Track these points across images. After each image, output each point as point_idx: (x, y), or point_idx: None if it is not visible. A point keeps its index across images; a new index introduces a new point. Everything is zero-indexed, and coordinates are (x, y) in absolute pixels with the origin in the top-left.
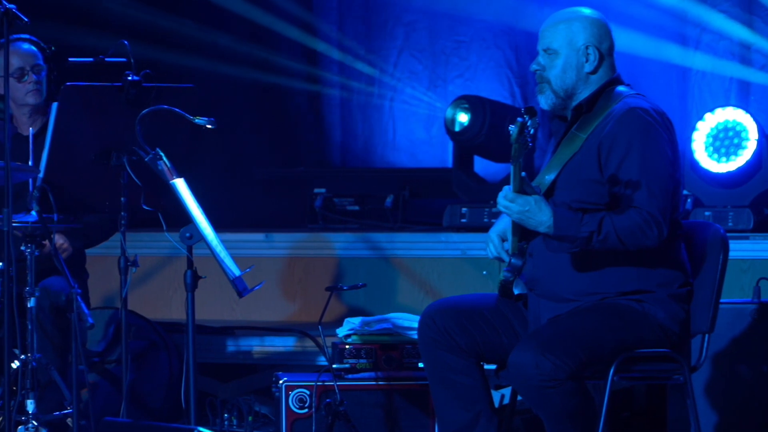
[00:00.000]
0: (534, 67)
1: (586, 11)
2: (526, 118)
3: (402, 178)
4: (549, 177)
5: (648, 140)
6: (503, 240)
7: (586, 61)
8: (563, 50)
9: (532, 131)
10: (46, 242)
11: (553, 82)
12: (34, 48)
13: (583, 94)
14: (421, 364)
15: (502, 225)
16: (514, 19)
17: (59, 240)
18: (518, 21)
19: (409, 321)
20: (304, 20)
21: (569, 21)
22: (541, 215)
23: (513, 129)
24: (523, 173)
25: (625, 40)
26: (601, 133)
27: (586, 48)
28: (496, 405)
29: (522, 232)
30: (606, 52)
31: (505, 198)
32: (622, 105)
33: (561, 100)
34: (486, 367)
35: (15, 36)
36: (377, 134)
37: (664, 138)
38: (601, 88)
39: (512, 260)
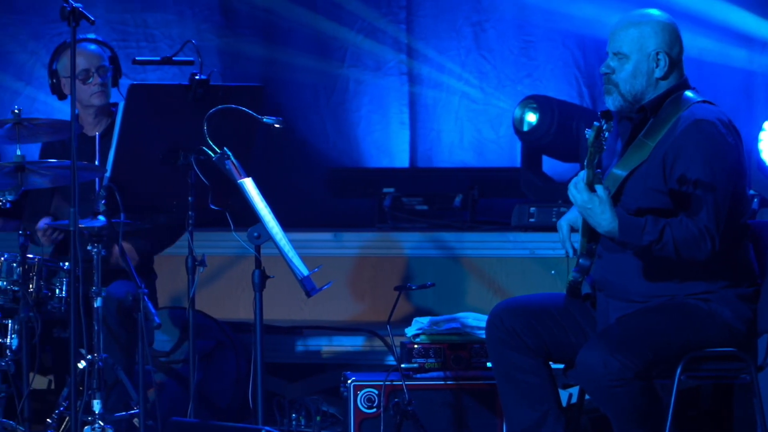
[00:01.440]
0: (603, 69)
1: (657, 14)
2: (603, 123)
3: (470, 177)
4: (616, 182)
5: (711, 155)
6: (574, 230)
7: (656, 66)
8: (633, 55)
9: (607, 135)
10: (114, 251)
11: (622, 86)
12: (100, 49)
13: (650, 97)
14: (489, 364)
15: (574, 214)
16: (582, 19)
17: (126, 247)
18: (586, 21)
19: (478, 320)
20: (371, 20)
21: (640, 25)
22: (601, 217)
23: (589, 133)
24: (598, 170)
25: (690, 43)
26: (667, 143)
27: (657, 54)
28: (564, 404)
29: (591, 233)
30: (676, 58)
31: (575, 187)
32: (688, 114)
33: (629, 104)
34: (554, 366)
35: (81, 36)
36: (446, 134)
37: (728, 152)
38: (667, 92)
39: (581, 260)
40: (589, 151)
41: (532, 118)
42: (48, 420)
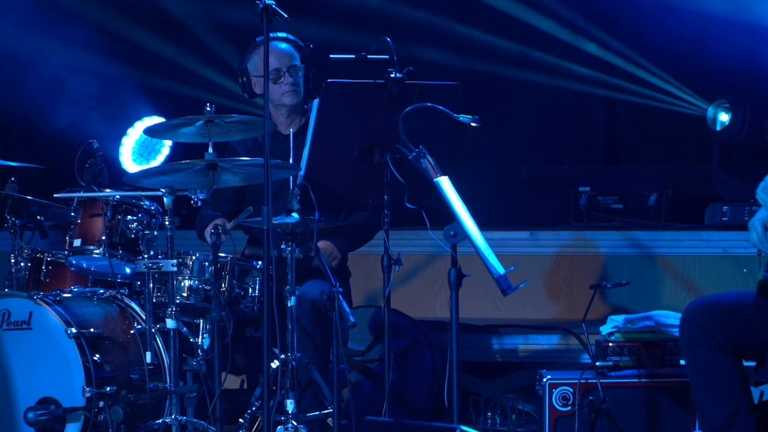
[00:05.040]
0: None
1: None
2: None
3: (665, 176)
4: None
5: None
6: (766, 229)
7: None
8: None
9: None
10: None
11: None
12: (291, 48)
13: None
14: (682, 362)
15: (765, 213)
16: None
17: (327, 248)
18: None
19: (672, 318)
20: (559, 24)
21: None
22: None
23: None
24: None
25: None
26: None
27: None
28: (756, 401)
29: None
30: None
31: (764, 191)
32: None
33: None
34: (745, 363)
35: (272, 35)
36: (640, 133)
37: None
38: None
39: None
40: None
41: (724, 117)
42: (240, 420)
